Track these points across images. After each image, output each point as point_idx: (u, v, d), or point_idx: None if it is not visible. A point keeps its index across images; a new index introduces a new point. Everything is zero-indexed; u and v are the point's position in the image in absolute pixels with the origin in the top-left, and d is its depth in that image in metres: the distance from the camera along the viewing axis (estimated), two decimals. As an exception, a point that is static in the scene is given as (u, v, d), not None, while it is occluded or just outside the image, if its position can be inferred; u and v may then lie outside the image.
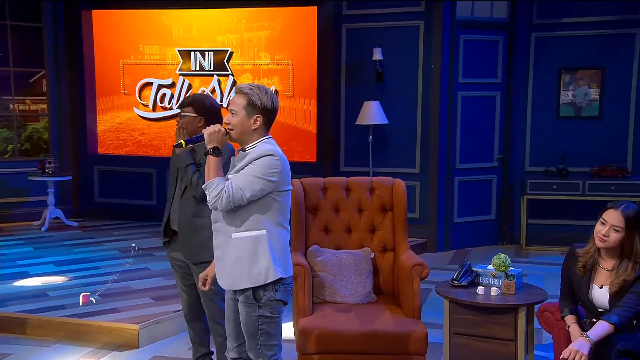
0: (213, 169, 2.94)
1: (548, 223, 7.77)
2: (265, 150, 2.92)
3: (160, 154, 8.69)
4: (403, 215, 4.46)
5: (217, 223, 3.03)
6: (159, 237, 7.61)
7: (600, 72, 7.58)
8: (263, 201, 2.95)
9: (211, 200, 2.90)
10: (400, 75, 7.54)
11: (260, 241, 2.96)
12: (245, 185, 2.88)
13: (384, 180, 4.58)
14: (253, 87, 3.00)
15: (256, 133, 2.98)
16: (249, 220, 2.95)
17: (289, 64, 8.12)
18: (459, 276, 4.10)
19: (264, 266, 2.96)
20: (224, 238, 3.00)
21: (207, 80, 8.44)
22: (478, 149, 7.70)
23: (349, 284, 4.27)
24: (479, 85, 7.60)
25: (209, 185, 2.92)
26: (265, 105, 2.97)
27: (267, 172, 2.90)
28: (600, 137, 7.62)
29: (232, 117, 2.98)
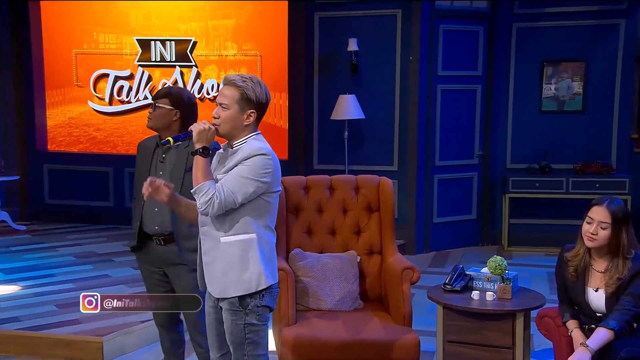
0: (202, 171, 2.87)
1: (531, 222, 7.82)
2: (256, 148, 2.87)
3: (117, 151, 8.55)
4: (390, 215, 4.45)
5: (205, 227, 2.98)
6: (117, 241, 7.66)
7: (583, 65, 7.66)
8: (254, 203, 2.91)
9: (201, 207, 2.85)
10: (376, 67, 7.51)
11: (251, 246, 2.92)
12: (237, 189, 2.84)
13: (369, 179, 4.56)
14: (246, 78, 2.94)
15: (247, 129, 2.94)
16: (239, 224, 2.91)
17: (257, 55, 8.06)
18: (451, 280, 4.08)
19: (255, 272, 2.92)
20: (212, 243, 2.95)
21: (168, 72, 8.33)
22: (458, 146, 7.72)
23: (334, 290, 4.24)
24: (459, 78, 7.62)
25: (198, 190, 2.86)
26: (260, 100, 2.93)
27: (259, 173, 2.86)
28: (583, 133, 7.70)
29: (223, 111, 2.92)
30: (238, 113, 2.90)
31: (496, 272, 3.95)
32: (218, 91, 2.95)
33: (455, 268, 4.15)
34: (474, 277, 4.10)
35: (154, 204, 3.63)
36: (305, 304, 4.21)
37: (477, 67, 7.70)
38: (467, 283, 4.09)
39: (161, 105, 3.59)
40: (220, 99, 2.93)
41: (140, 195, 3.62)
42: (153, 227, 3.66)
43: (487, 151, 7.85)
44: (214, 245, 2.94)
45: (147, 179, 3.04)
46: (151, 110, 3.63)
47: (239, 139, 2.93)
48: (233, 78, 2.94)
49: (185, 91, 3.73)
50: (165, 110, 3.58)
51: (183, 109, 3.63)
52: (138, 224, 3.69)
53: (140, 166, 3.72)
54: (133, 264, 6.55)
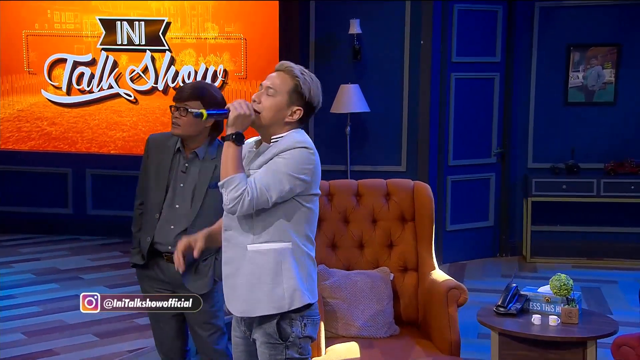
0: (233, 161, 2.78)
1: (556, 230, 7.82)
2: (297, 140, 2.80)
3: (76, 149, 8.39)
4: (428, 226, 4.40)
5: (229, 231, 2.88)
6: (81, 255, 7.49)
7: (615, 50, 7.65)
8: (289, 206, 2.83)
9: (229, 203, 2.76)
10: (382, 53, 7.42)
11: (285, 256, 2.83)
12: (272, 185, 2.75)
13: (402, 184, 4.54)
14: (305, 72, 2.90)
15: (288, 126, 2.87)
16: (272, 229, 2.83)
17: (241, 38, 7.95)
18: (505, 302, 4.03)
19: (288, 288, 2.83)
20: (236, 251, 2.86)
21: (137, 57, 8.18)
22: (474, 143, 7.68)
23: (366, 313, 4.18)
24: (475, 65, 7.57)
25: (227, 184, 2.76)
26: (312, 100, 2.88)
27: (299, 168, 2.78)
28: (615, 127, 7.70)
29: (268, 97, 2.84)
30: (285, 104, 2.83)
31: (561, 293, 3.90)
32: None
33: (509, 287, 4.12)
34: (531, 298, 4.07)
35: (169, 221, 3.57)
36: (334, 329, 4.12)
37: (495, 52, 7.65)
38: (522, 305, 4.02)
39: (194, 110, 3.40)
40: (269, 82, 2.86)
41: (153, 205, 3.51)
42: (166, 246, 3.57)
43: (506, 149, 7.81)
44: (238, 253, 2.85)
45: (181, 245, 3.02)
46: (177, 114, 3.50)
47: (276, 135, 2.85)
48: (291, 66, 2.89)
49: (214, 87, 3.64)
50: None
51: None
52: (150, 240, 3.60)
53: (154, 169, 3.62)
54: (105, 281, 6.46)
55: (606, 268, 7.41)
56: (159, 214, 3.58)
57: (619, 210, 7.63)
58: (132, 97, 8.19)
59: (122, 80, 8.20)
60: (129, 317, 5.48)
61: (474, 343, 5.16)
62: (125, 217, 8.23)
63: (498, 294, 6.41)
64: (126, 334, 5.14)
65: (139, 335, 5.12)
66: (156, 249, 3.61)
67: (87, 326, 5.32)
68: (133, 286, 6.23)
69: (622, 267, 7.44)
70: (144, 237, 3.63)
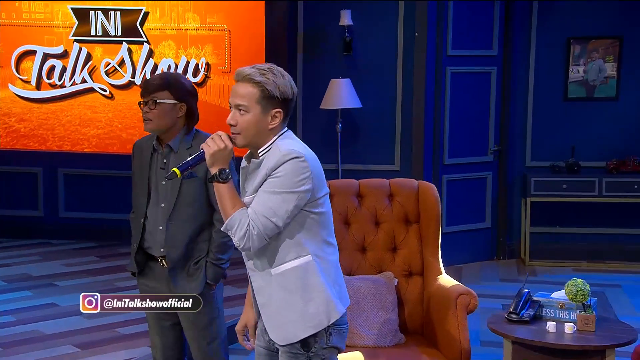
0: (228, 200, 2.78)
1: (555, 232, 7.82)
2: (283, 152, 2.76)
3: (47, 147, 8.30)
4: (434, 228, 4.42)
5: (251, 260, 2.89)
6: (54, 260, 7.42)
7: (617, 42, 7.66)
8: (298, 217, 2.81)
9: (239, 243, 2.77)
10: (375, 45, 7.39)
11: (308, 270, 2.83)
12: (274, 210, 2.74)
13: (405, 184, 4.54)
14: (264, 70, 2.81)
15: (272, 133, 2.83)
16: (287, 246, 2.83)
17: (225, 30, 7.90)
18: (517, 308, 4.01)
19: (321, 301, 2.84)
20: (263, 278, 2.87)
21: (113, 49, 8.10)
22: (470, 140, 7.66)
23: (371, 322, 4.16)
24: (472, 59, 7.56)
25: (229, 225, 2.77)
26: (285, 95, 2.82)
27: (296, 182, 2.75)
28: (618, 123, 7.71)
29: (242, 115, 2.79)
30: (261, 115, 2.78)
31: (577, 299, 3.88)
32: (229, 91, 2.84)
33: (521, 293, 4.11)
34: (544, 304, 4.06)
35: (157, 221, 3.54)
36: (336, 339, 4.04)
37: (492, 45, 7.64)
38: (536, 311, 4.01)
39: (163, 100, 3.46)
40: (236, 100, 2.80)
41: (138, 210, 3.50)
42: (158, 249, 3.57)
43: (503, 146, 7.80)
44: (265, 281, 2.87)
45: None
46: (146, 109, 3.49)
47: (263, 147, 2.82)
48: (248, 72, 2.81)
49: (181, 76, 3.66)
50: (168, 106, 3.47)
51: (189, 99, 3.54)
52: (136, 246, 3.60)
53: (137, 174, 3.62)
54: (82, 288, 6.34)
55: (609, 271, 7.42)
56: (144, 218, 3.56)
57: (622, 211, 7.65)
58: (107, 92, 8.11)
59: (96, 74, 8.11)
60: (112, 326, 5.42)
61: (478, 352, 5.13)
62: (100, 220, 8.25)
63: (498, 299, 6.49)
64: (109, 344, 5.09)
65: (123, 345, 5.08)
66: (151, 254, 3.59)
67: (66, 336, 5.27)
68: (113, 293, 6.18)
69: (626, 270, 7.46)
70: (132, 244, 3.63)
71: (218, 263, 3.55)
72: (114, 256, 7.51)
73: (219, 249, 3.54)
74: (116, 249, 7.72)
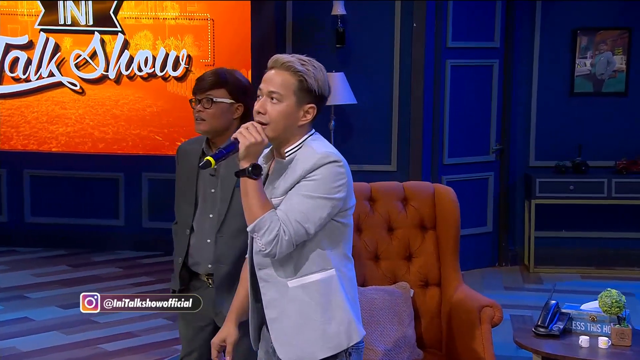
0: (256, 199, 2.70)
1: (562, 236, 7.85)
2: (321, 155, 2.72)
3: (11, 147, 8.29)
4: (453, 235, 4.38)
5: (264, 269, 2.81)
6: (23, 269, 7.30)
7: (627, 34, 7.70)
8: (326, 227, 2.77)
9: (266, 248, 2.68)
10: (370, 37, 7.40)
11: (331, 285, 2.78)
12: (308, 215, 2.69)
13: (421, 187, 4.54)
14: (304, 60, 2.79)
15: (301, 131, 2.79)
16: (312, 257, 2.77)
17: (207, 19, 7.89)
18: (546, 321, 4.00)
19: (343, 321, 2.78)
20: (277, 290, 2.80)
21: (83, 40, 8.08)
22: (470, 138, 7.68)
23: (387, 336, 4.11)
24: (473, 51, 7.58)
25: (258, 227, 2.68)
26: (322, 91, 2.80)
27: (332, 188, 2.72)
28: (627, 120, 7.76)
29: (273, 104, 2.74)
30: (294, 108, 2.74)
31: (612, 311, 3.86)
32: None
33: (548, 304, 4.08)
34: (574, 317, 4.07)
35: (205, 234, 3.44)
36: (350, 356, 4.00)
37: (493, 36, 7.66)
38: (565, 324, 3.99)
39: (219, 99, 3.37)
40: (270, 87, 2.74)
41: (183, 221, 3.41)
42: (205, 265, 3.46)
43: (505, 145, 7.81)
44: (280, 293, 2.79)
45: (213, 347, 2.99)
46: (199, 108, 3.39)
47: (290, 145, 2.77)
48: (288, 59, 2.77)
49: (237, 72, 3.53)
50: (225, 106, 3.38)
51: (247, 99, 3.41)
52: (181, 260, 3.49)
53: (183, 181, 3.52)
54: (56, 301, 6.40)
55: (619, 278, 7.41)
56: (190, 230, 3.46)
57: (632, 213, 7.69)
58: (77, 87, 8.06)
59: (65, 67, 8.05)
60: (93, 342, 5.36)
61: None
62: (70, 226, 8.15)
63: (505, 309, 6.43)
64: (92, 360, 5.05)
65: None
66: (195, 271, 3.48)
67: (46, 354, 5.23)
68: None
69: (638, 277, 7.47)
70: (176, 258, 3.51)
71: None
72: (88, 265, 7.48)
73: None
74: (89, 257, 7.67)
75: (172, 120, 7.95)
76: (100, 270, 7.30)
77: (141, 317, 5.85)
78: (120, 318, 5.80)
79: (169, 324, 5.79)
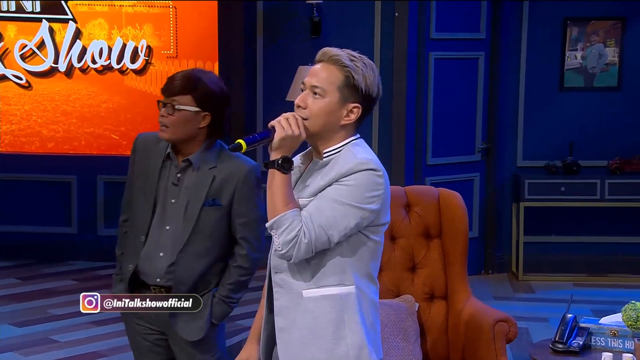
0: (281, 195, 2.72)
1: (552, 241, 7.91)
2: (360, 160, 2.74)
3: None
4: (461, 243, 4.39)
5: (280, 274, 2.82)
6: None
7: (620, 25, 7.79)
8: (353, 239, 2.78)
9: (282, 248, 2.70)
10: (347, 27, 7.41)
11: (348, 304, 2.78)
12: (333, 221, 2.70)
13: (424, 192, 4.55)
14: (354, 56, 2.81)
15: (343, 131, 2.81)
16: (332, 269, 2.77)
17: (169, 7, 7.84)
18: (564, 336, 4.02)
19: (354, 345, 2.78)
20: (290, 298, 2.80)
21: (30, 29, 7.96)
22: (455, 137, 7.72)
23: (392, 353, 4.10)
24: (457, 43, 7.62)
25: (278, 224, 2.70)
26: (370, 91, 2.82)
27: (366, 198, 2.72)
28: (620, 117, 7.84)
29: (315, 99, 2.76)
30: (338, 104, 2.76)
31: (637, 325, 3.88)
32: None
33: (565, 318, 4.09)
34: (593, 332, 4.08)
35: (158, 246, 3.45)
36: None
37: (479, 27, 7.70)
38: (585, 339, 4.01)
39: (183, 107, 3.34)
40: (313, 80, 2.77)
41: (139, 226, 3.38)
42: (154, 277, 3.46)
43: (492, 144, 7.86)
44: (293, 301, 2.79)
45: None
46: (163, 113, 3.39)
47: (330, 146, 2.79)
48: (336, 53, 2.79)
49: (210, 76, 3.51)
50: (189, 115, 3.36)
51: (216, 108, 3.42)
52: (132, 268, 3.49)
53: (140, 179, 3.50)
54: (9, 318, 6.31)
55: (615, 286, 7.52)
56: (145, 237, 3.45)
57: (627, 216, 7.79)
58: (23, 81, 7.96)
59: (9, 59, 7.95)
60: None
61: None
62: (16, 234, 8.00)
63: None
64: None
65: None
66: (142, 279, 3.48)
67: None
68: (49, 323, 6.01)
69: (634, 285, 7.53)
70: (126, 263, 3.51)
71: (229, 302, 3.47)
72: (38, 278, 7.37)
73: (234, 287, 3.46)
74: (39, 269, 7.57)
75: (130, 117, 7.87)
76: (53, 284, 7.18)
77: (106, 335, 5.77)
78: (83, 337, 5.74)
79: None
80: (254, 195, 3.42)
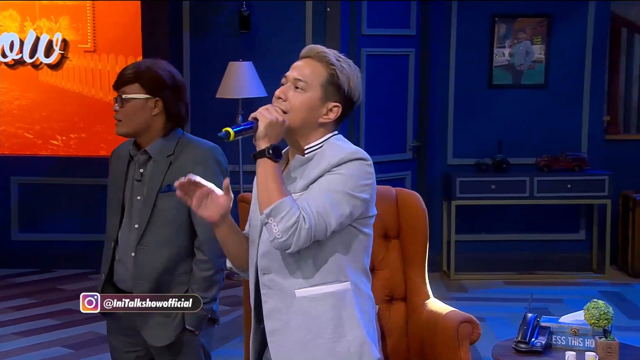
0: (274, 182, 2.73)
1: (482, 239, 8.09)
2: (350, 151, 2.80)
3: None
4: (421, 243, 4.37)
5: (269, 274, 2.83)
6: None
7: (546, 22, 8.00)
8: (345, 233, 2.83)
9: (282, 235, 2.69)
10: (278, 22, 7.48)
11: (345, 300, 2.82)
12: (330, 208, 2.72)
13: (381, 192, 4.39)
14: (340, 57, 2.90)
15: (322, 128, 2.86)
16: (326, 266, 2.81)
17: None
18: (527, 336, 4.10)
19: (354, 341, 2.82)
20: (281, 299, 2.82)
21: None
22: (387, 135, 7.81)
23: None
24: (389, 39, 7.71)
25: (275, 212, 2.69)
26: (352, 94, 2.90)
27: (358, 186, 2.78)
28: (547, 114, 8.06)
29: (297, 93, 2.82)
30: (318, 101, 2.82)
31: (600, 324, 3.99)
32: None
33: (527, 318, 4.17)
34: (554, 330, 4.15)
35: (129, 246, 3.44)
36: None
37: (409, 23, 7.81)
38: (547, 339, 4.12)
39: (131, 95, 3.36)
40: (297, 73, 2.85)
41: (109, 233, 3.40)
42: (129, 281, 3.45)
43: (423, 141, 7.98)
44: (284, 302, 2.80)
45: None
46: (115, 107, 3.40)
47: (311, 142, 2.84)
48: (323, 50, 2.88)
49: (158, 63, 3.52)
50: (139, 103, 3.37)
51: (166, 93, 3.42)
52: (104, 277, 3.50)
53: (111, 189, 3.53)
54: None
55: (546, 284, 7.74)
56: (115, 242, 3.46)
57: (555, 214, 8.02)
58: None
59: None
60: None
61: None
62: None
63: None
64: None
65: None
66: (121, 288, 3.46)
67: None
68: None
69: (564, 282, 7.79)
70: (100, 274, 3.51)
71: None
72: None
73: (200, 286, 3.40)
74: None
75: (45, 114, 7.77)
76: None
77: (38, 345, 5.69)
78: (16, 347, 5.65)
79: (69, 353, 5.65)
80: (212, 177, 3.20)
